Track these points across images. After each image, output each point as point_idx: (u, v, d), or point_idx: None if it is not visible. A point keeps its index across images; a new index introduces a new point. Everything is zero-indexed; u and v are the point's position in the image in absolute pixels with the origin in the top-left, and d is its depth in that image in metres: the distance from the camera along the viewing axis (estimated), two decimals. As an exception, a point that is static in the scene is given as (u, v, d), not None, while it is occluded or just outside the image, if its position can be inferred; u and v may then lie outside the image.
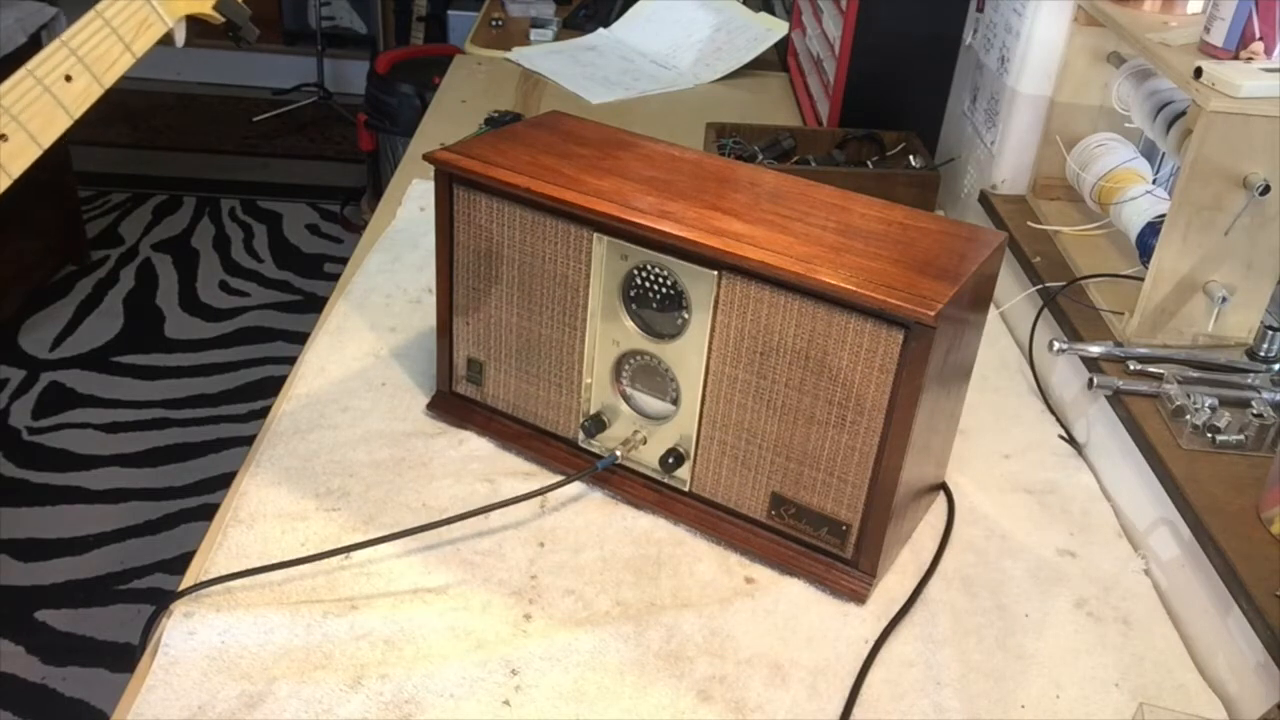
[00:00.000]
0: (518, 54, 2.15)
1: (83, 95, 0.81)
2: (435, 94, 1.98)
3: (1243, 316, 1.10)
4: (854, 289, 0.83)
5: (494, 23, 2.35)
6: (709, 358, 0.93)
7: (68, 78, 0.80)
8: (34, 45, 2.75)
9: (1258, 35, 1.02)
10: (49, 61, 0.79)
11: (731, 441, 0.96)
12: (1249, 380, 1.06)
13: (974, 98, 1.57)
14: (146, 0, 0.82)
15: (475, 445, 1.08)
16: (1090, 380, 1.07)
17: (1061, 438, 1.17)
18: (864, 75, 1.65)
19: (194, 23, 0.89)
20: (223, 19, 0.90)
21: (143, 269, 3.20)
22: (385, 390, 1.15)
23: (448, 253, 1.04)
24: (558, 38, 2.28)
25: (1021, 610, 0.94)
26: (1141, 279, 1.11)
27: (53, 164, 2.96)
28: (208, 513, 2.30)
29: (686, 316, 0.93)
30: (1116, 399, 1.05)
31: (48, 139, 0.79)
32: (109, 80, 0.82)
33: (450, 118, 1.85)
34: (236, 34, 0.92)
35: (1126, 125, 1.33)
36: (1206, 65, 1.00)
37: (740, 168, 1.04)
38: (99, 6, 0.81)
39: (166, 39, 0.87)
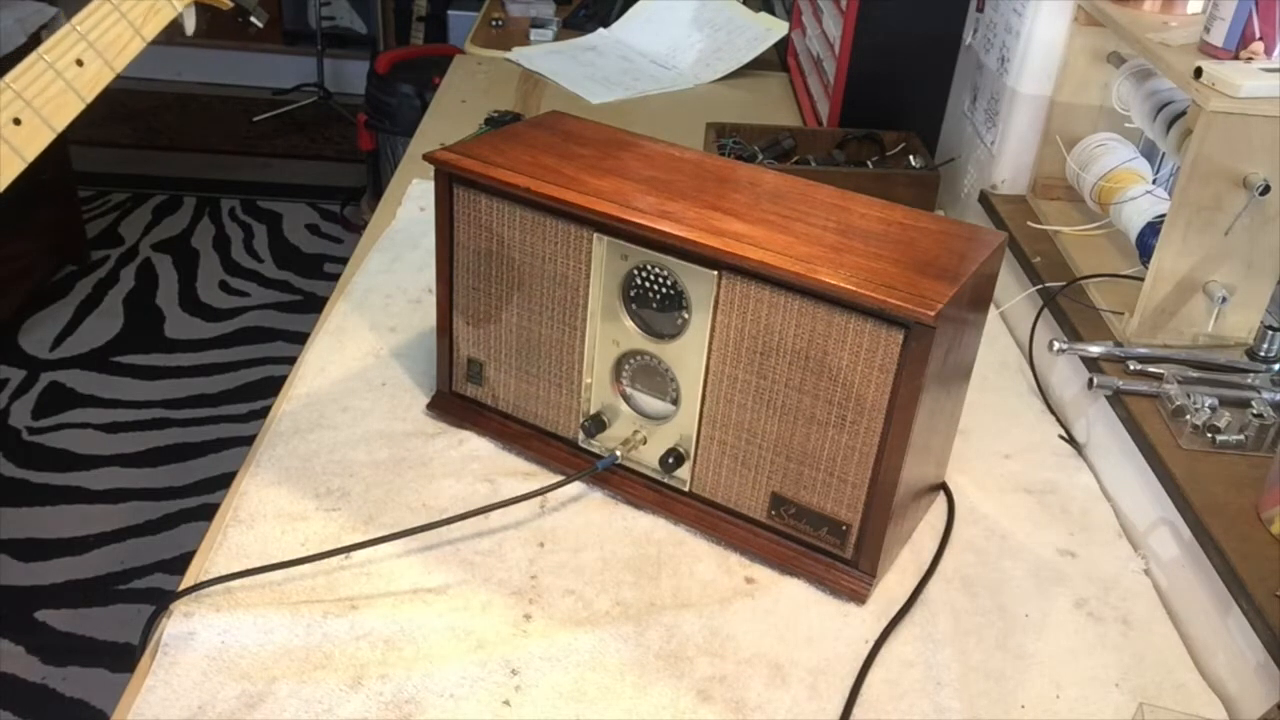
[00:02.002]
0: (518, 54, 2.15)
1: (94, 80, 0.81)
2: (435, 94, 1.98)
3: (1243, 316, 1.10)
4: (854, 289, 0.83)
5: (494, 23, 2.35)
6: (709, 358, 0.93)
7: (79, 62, 0.80)
8: (34, 45, 2.74)
9: (1258, 35, 1.02)
10: (60, 46, 0.79)
11: (731, 441, 0.96)
12: (1249, 380, 1.06)
13: (974, 98, 1.57)
14: None
15: (475, 445, 1.08)
16: (1090, 380, 1.07)
17: (1061, 438, 1.17)
18: (864, 75, 1.65)
19: (203, 11, 0.90)
20: (231, 4, 0.90)
21: (143, 269, 3.20)
22: (385, 390, 1.15)
23: (448, 253, 1.04)
24: (558, 38, 2.28)
25: (1021, 610, 0.94)
26: (1141, 279, 1.11)
27: (53, 164, 2.96)
28: (208, 513, 2.30)
29: (686, 316, 0.93)
30: (1116, 399, 1.05)
31: (60, 123, 0.80)
32: (120, 65, 0.82)
33: (450, 118, 1.85)
34: (246, 19, 0.92)
35: (1126, 125, 1.33)
36: (1206, 65, 1.00)
37: (740, 168, 1.04)
38: None
39: (181, 30, 0.87)
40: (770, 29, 2.16)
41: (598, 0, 2.41)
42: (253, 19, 0.93)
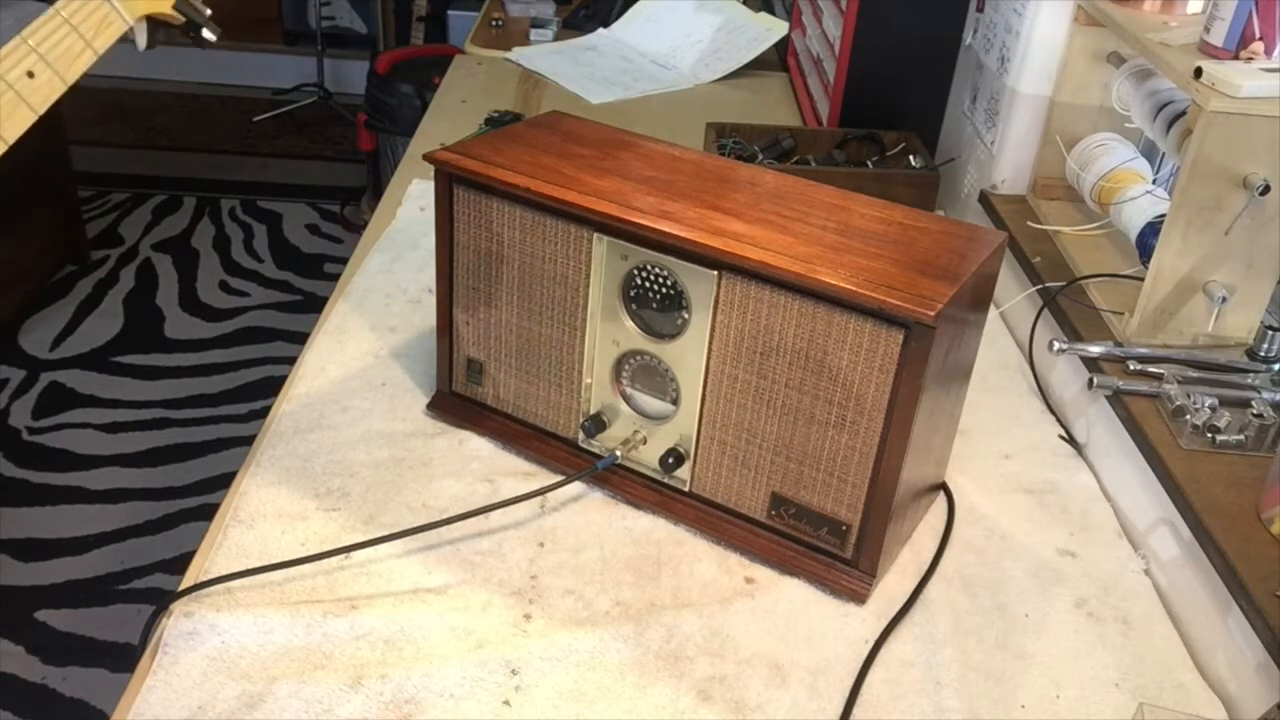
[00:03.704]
0: (518, 54, 2.15)
1: (46, 91, 0.81)
2: (435, 94, 1.98)
3: (1243, 316, 1.10)
4: (854, 289, 0.83)
5: (494, 23, 2.35)
6: (709, 358, 0.93)
7: (30, 74, 0.80)
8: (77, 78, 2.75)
9: (1258, 35, 1.02)
10: (10, 59, 0.79)
11: (731, 441, 0.96)
12: (1249, 380, 1.06)
13: (974, 98, 1.57)
14: None
15: (475, 445, 1.08)
16: (1090, 380, 1.07)
17: (1061, 438, 1.17)
18: (864, 75, 1.65)
19: (161, 25, 0.90)
20: (182, 19, 0.90)
21: (143, 269, 3.20)
22: (385, 390, 1.15)
23: (448, 253, 1.04)
24: (558, 38, 2.28)
25: (1021, 610, 0.94)
26: (1141, 279, 1.11)
27: (53, 164, 2.96)
28: (208, 513, 2.30)
29: (686, 316, 0.93)
30: (1116, 399, 1.05)
31: (12, 134, 0.80)
32: (72, 77, 0.82)
33: (450, 118, 1.85)
34: (197, 34, 0.92)
35: (1126, 125, 1.33)
36: (1206, 65, 1.00)
37: (740, 168, 1.04)
38: (57, 4, 0.81)
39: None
40: (770, 29, 2.16)
41: (598, 0, 2.41)
42: (205, 33, 0.92)
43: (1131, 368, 1.09)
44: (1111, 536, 1.04)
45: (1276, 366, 1.08)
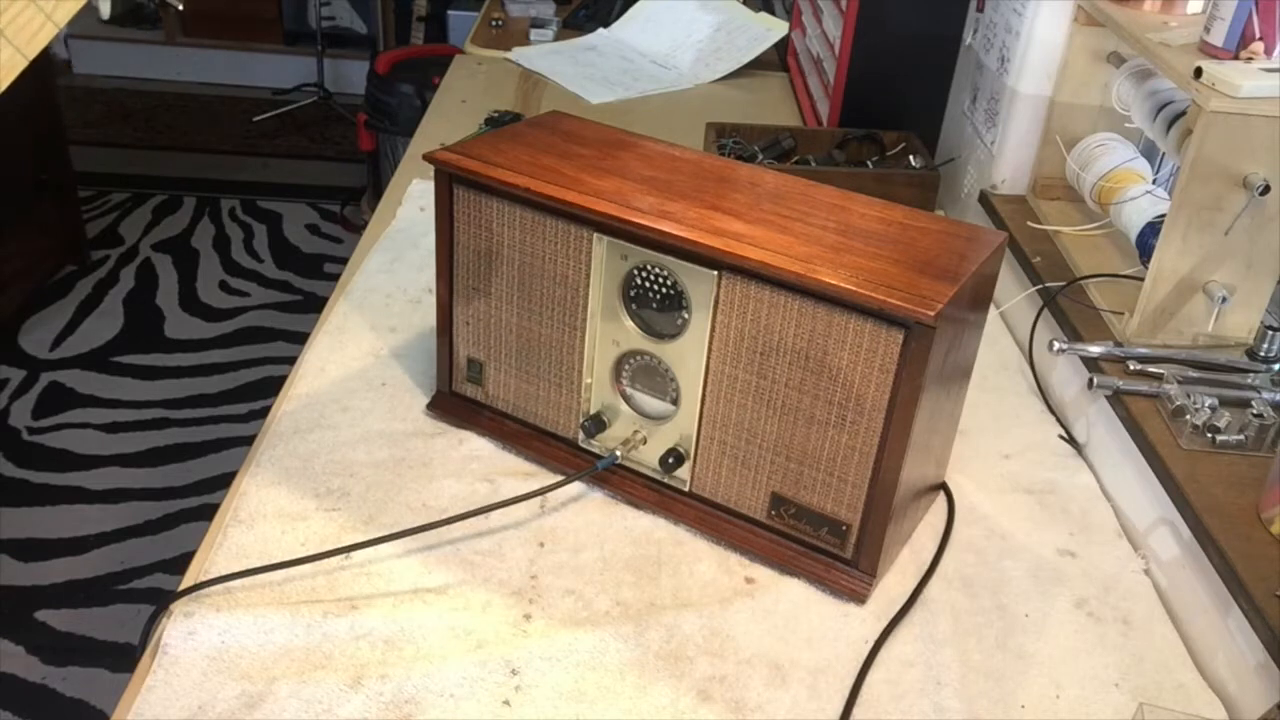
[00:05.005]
0: (518, 54, 2.15)
1: (7, 68, 0.78)
2: (435, 94, 1.99)
3: (1243, 316, 1.10)
4: (854, 289, 0.83)
5: (494, 23, 2.35)
6: (709, 358, 0.93)
7: None
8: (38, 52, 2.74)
9: (1258, 35, 1.02)
10: None
11: (731, 441, 0.96)
12: (1249, 380, 1.06)
13: (974, 98, 1.57)
14: None
15: (475, 445, 1.08)
16: (1090, 380, 1.07)
17: (1061, 438, 1.17)
18: (864, 75, 1.65)
19: None
20: None
21: (143, 269, 3.20)
22: (385, 390, 1.15)
23: (448, 253, 1.04)
24: (558, 38, 2.28)
25: (1021, 610, 0.94)
26: (1141, 279, 1.11)
27: (53, 164, 2.96)
28: (208, 513, 2.30)
29: (686, 316, 0.93)
30: (1116, 399, 1.05)
31: None
32: (33, 51, 0.79)
33: (450, 118, 1.85)
34: (163, 3, 0.90)
35: (1126, 125, 1.33)
36: (1206, 65, 1.00)
37: (740, 168, 1.04)
38: None
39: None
40: (770, 29, 2.16)
41: (598, 0, 2.41)
42: (169, 2, 0.90)
43: (1131, 368, 1.09)
44: (1111, 536, 1.04)
45: (1276, 366, 1.08)
